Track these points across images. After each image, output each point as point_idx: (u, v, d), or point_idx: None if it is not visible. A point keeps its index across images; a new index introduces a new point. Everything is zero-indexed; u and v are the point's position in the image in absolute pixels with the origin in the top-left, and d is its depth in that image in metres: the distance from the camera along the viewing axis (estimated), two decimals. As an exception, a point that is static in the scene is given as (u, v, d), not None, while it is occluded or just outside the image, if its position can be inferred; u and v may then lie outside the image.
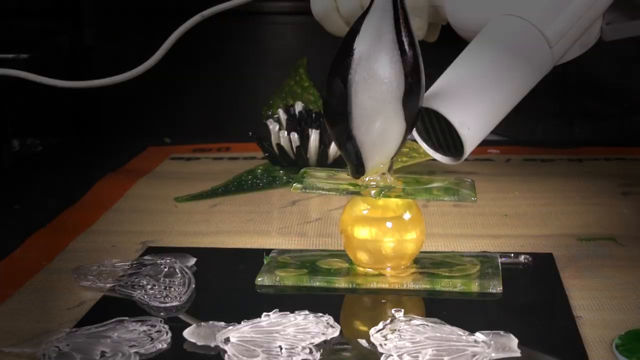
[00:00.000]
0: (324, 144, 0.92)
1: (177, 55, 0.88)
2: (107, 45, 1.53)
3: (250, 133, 0.95)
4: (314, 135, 0.91)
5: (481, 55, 0.66)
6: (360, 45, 0.59)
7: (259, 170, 0.95)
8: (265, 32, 1.59)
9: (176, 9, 0.95)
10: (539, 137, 1.12)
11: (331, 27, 0.80)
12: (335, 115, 0.61)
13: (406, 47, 0.59)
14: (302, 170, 0.67)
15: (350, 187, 0.64)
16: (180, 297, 0.62)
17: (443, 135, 0.64)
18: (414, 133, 0.64)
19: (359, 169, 0.63)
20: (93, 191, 0.90)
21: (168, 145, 1.11)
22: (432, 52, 0.61)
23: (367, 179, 0.64)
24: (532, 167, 0.97)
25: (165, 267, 0.66)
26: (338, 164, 0.92)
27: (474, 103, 0.63)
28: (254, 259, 0.70)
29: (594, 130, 1.14)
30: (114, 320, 0.58)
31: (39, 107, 1.18)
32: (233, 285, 0.67)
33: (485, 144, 1.01)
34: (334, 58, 0.60)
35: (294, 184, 0.65)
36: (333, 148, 0.92)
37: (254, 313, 0.58)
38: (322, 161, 0.92)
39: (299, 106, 0.97)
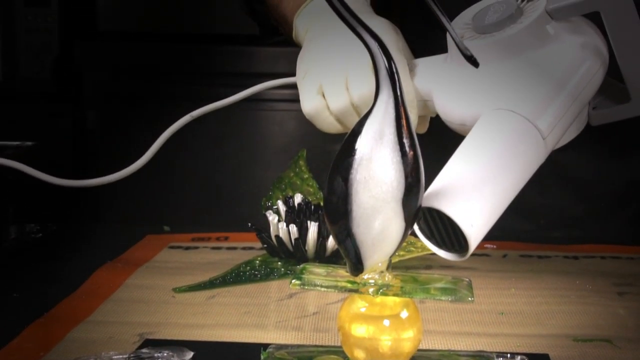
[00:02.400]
0: (322, 237, 0.92)
1: (175, 142, 0.89)
2: (108, 128, 1.55)
3: (249, 224, 0.96)
4: (312, 228, 0.92)
5: (478, 151, 0.67)
6: (362, 146, 0.61)
7: (257, 262, 0.95)
8: (265, 119, 1.61)
9: (182, 94, 0.97)
10: (535, 233, 1.12)
11: (322, 125, 0.81)
12: (335, 213, 0.62)
13: (407, 148, 0.60)
14: (302, 266, 0.68)
15: (349, 285, 0.65)
16: (177, 393, 0.63)
17: (446, 231, 0.65)
18: (417, 232, 0.65)
19: (357, 267, 0.63)
20: (91, 280, 0.90)
21: (167, 234, 1.11)
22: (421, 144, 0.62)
23: (365, 276, 0.64)
24: (528, 264, 0.98)
25: (162, 361, 0.67)
26: (336, 256, 0.93)
27: (475, 200, 0.64)
28: (251, 353, 0.70)
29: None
30: (110, 415, 0.58)
31: (39, 193, 1.19)
32: (230, 381, 0.67)
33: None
34: (336, 157, 0.62)
35: (293, 280, 0.65)
36: (331, 241, 0.92)
37: (251, 411, 0.58)
38: (321, 254, 0.93)
39: (298, 198, 0.98)
